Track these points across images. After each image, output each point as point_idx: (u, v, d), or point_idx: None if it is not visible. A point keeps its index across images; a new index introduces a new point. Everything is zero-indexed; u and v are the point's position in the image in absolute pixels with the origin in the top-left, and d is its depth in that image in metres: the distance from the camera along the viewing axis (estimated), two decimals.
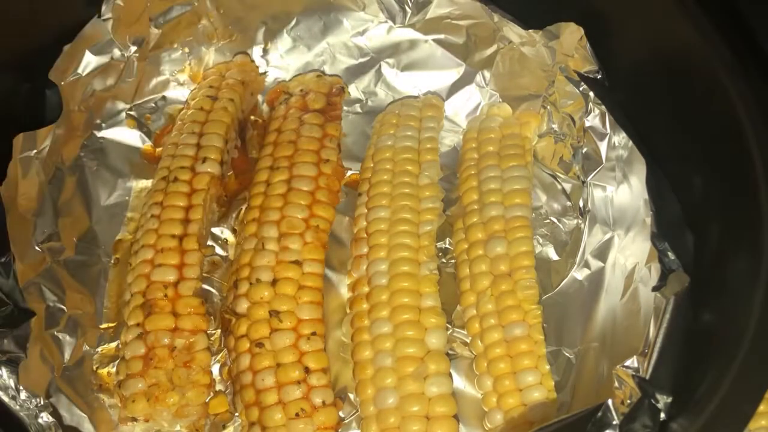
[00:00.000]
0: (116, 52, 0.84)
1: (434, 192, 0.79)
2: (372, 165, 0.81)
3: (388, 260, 0.75)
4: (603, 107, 0.77)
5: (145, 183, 0.83)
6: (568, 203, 0.81)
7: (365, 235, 0.77)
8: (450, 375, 0.71)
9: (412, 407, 0.68)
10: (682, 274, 0.68)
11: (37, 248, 0.76)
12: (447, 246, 0.80)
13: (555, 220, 0.80)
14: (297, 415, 0.68)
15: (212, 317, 0.76)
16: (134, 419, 0.71)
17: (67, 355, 0.74)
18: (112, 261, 0.80)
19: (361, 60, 0.88)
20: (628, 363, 0.65)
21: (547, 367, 0.71)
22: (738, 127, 0.64)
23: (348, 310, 0.76)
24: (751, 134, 0.63)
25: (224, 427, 0.73)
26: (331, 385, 0.71)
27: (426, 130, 0.83)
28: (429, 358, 0.70)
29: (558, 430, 0.61)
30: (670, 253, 0.70)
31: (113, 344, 0.75)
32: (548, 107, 0.81)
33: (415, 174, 0.80)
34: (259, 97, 0.88)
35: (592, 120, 0.78)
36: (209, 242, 0.80)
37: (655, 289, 0.68)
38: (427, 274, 0.75)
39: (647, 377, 0.64)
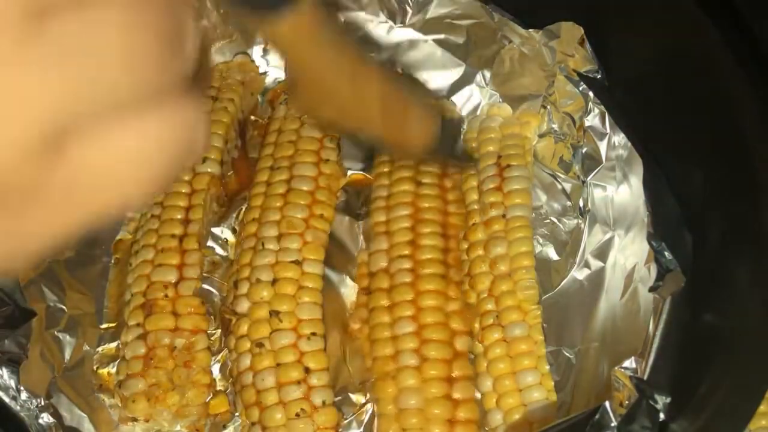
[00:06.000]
0: None
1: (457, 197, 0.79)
2: (388, 159, 0.81)
3: (413, 260, 0.74)
4: (603, 107, 0.77)
5: None
6: (568, 203, 0.80)
7: (384, 230, 0.77)
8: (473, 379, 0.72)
9: (434, 410, 0.68)
10: (678, 274, 0.68)
11: None
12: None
13: (555, 220, 0.80)
14: (297, 415, 0.68)
15: (212, 317, 0.76)
16: (134, 419, 0.71)
17: (67, 355, 0.74)
18: (113, 261, 0.80)
19: None
20: (626, 364, 0.65)
21: (547, 367, 0.71)
22: (738, 127, 0.64)
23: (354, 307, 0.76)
24: (751, 134, 0.63)
25: (224, 427, 0.73)
26: (331, 385, 0.71)
27: None
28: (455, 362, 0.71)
29: None
30: (666, 253, 0.69)
31: (113, 344, 0.75)
32: (548, 107, 0.81)
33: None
34: (259, 97, 0.88)
35: (592, 120, 0.78)
36: (209, 242, 0.80)
37: (651, 289, 0.68)
38: (454, 278, 0.75)
39: (645, 378, 0.64)
